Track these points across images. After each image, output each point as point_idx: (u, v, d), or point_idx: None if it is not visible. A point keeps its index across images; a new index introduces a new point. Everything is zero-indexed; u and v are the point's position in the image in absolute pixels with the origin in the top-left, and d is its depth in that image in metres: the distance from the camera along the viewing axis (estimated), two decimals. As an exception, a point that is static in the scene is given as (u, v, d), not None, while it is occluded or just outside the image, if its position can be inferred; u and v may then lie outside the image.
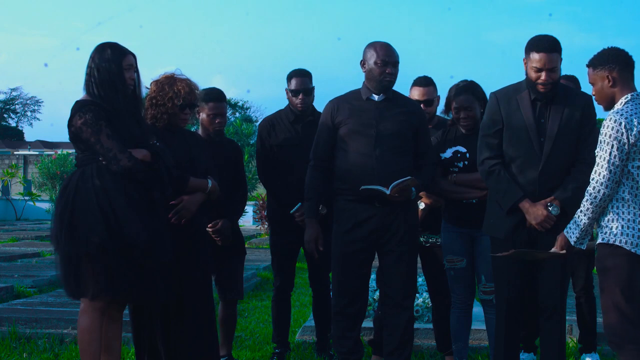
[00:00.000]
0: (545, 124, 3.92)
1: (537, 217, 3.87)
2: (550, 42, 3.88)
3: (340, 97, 4.27)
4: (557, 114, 3.92)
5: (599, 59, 3.60)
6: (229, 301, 4.71)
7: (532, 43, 3.90)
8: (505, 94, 4.03)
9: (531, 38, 3.94)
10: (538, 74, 3.87)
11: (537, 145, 3.92)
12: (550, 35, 3.93)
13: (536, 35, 3.94)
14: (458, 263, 4.39)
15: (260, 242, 13.22)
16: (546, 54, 3.84)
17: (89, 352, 3.55)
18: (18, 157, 30.16)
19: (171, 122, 4.00)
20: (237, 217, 4.75)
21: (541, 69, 3.85)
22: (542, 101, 3.93)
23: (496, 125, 4.01)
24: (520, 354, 4.85)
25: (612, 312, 3.47)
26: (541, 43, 3.88)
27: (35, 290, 7.47)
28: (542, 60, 3.85)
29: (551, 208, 3.89)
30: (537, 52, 3.86)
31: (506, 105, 3.99)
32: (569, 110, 3.92)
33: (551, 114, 3.93)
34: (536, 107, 3.94)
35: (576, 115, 3.92)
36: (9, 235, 14.22)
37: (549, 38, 3.91)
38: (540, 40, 3.89)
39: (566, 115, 3.92)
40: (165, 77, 4.04)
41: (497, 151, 4.01)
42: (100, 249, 3.47)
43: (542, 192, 3.93)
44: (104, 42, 3.70)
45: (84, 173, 3.57)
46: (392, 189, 4.00)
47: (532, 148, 3.92)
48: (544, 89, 3.88)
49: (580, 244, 3.66)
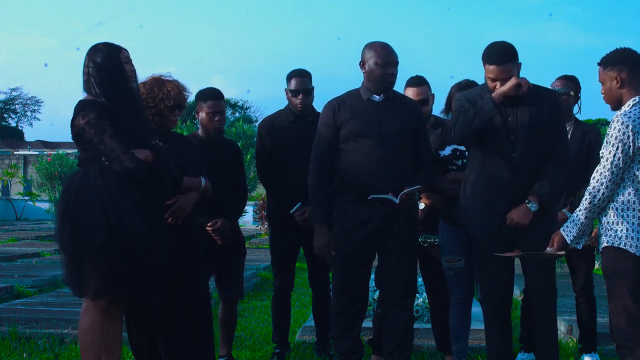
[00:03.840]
0: (513, 122, 3.95)
1: (510, 83, 3.86)
2: (502, 52, 3.91)
3: (340, 98, 4.25)
4: (525, 112, 3.95)
5: (610, 58, 3.59)
6: (229, 301, 4.71)
7: (485, 54, 3.94)
8: (472, 95, 4.06)
9: (486, 47, 3.96)
10: (494, 84, 3.93)
11: (506, 145, 3.95)
12: (503, 43, 3.94)
13: (490, 45, 3.96)
14: (456, 263, 4.39)
15: (260, 242, 13.22)
16: (497, 66, 3.89)
17: (89, 352, 3.55)
18: (18, 157, 30.14)
19: (162, 124, 4.00)
20: (237, 216, 4.76)
21: (495, 79, 3.91)
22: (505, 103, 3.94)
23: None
24: (520, 354, 4.87)
25: (622, 315, 3.46)
26: (492, 55, 3.91)
27: (35, 290, 7.47)
28: (494, 71, 3.91)
29: (529, 205, 3.92)
30: (490, 64, 3.92)
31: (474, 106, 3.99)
32: (536, 108, 3.95)
33: (519, 113, 3.96)
34: (500, 108, 3.95)
35: (544, 112, 3.95)
36: (9, 235, 14.21)
37: (501, 48, 3.92)
38: (491, 52, 3.92)
39: (534, 113, 3.95)
40: (152, 79, 4.04)
41: None
42: (102, 249, 3.47)
43: (516, 190, 3.95)
44: (96, 43, 3.71)
45: (86, 173, 3.56)
46: (401, 197, 4.01)
47: (502, 148, 3.96)
48: None
49: (577, 244, 3.65)
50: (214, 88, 4.70)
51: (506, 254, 3.85)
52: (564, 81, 4.82)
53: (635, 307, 3.43)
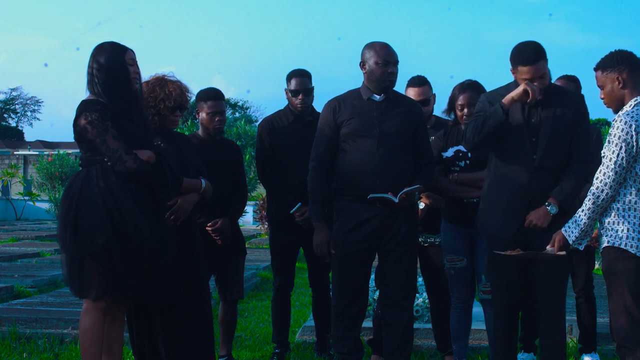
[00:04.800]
0: (536, 124, 3.92)
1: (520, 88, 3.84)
2: (533, 51, 3.88)
3: (340, 97, 4.26)
4: (549, 113, 3.92)
5: (608, 61, 3.59)
6: (229, 301, 4.71)
7: (517, 56, 3.90)
8: (495, 95, 4.03)
9: (514, 49, 3.92)
10: None
11: (528, 146, 3.91)
12: (531, 43, 3.92)
13: (519, 46, 3.92)
14: (458, 262, 4.39)
15: (260, 242, 13.22)
16: (531, 66, 3.85)
17: (90, 352, 3.55)
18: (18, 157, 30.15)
19: (162, 124, 4.00)
20: (237, 216, 4.76)
21: (531, 79, 3.86)
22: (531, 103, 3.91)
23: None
24: (520, 354, 4.86)
25: (622, 315, 3.45)
26: (525, 55, 3.87)
27: (35, 290, 7.46)
28: (530, 71, 3.85)
29: (549, 207, 3.90)
30: (524, 65, 3.87)
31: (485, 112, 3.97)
32: (561, 109, 3.91)
33: (543, 114, 3.92)
34: (525, 108, 3.93)
35: (568, 115, 3.91)
36: (9, 235, 14.20)
37: (532, 47, 3.90)
38: (522, 52, 3.89)
39: (559, 115, 3.91)
40: (155, 78, 4.03)
41: None
42: (105, 249, 3.46)
43: (536, 193, 3.91)
44: (102, 42, 3.69)
45: (89, 173, 3.55)
46: (400, 196, 4.01)
47: (523, 149, 3.91)
48: (540, 96, 3.88)
49: (579, 244, 3.65)
50: (215, 88, 4.71)
51: (507, 252, 3.85)
52: (564, 81, 4.82)
53: (635, 307, 3.42)
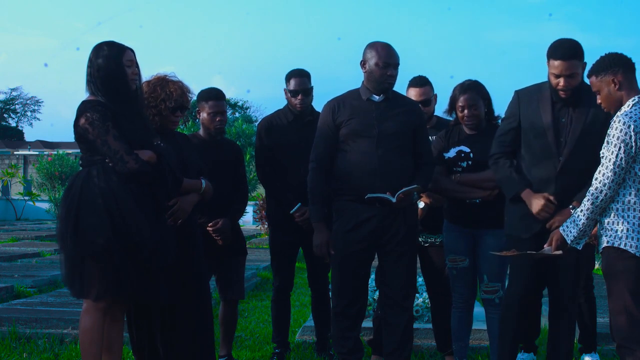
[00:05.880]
0: (566, 124, 3.89)
1: (536, 206, 3.86)
2: (569, 48, 3.83)
3: (340, 97, 4.25)
4: (582, 114, 3.87)
5: (601, 65, 3.58)
6: (229, 301, 4.71)
7: (551, 49, 3.86)
8: (527, 93, 4.02)
9: (552, 43, 3.88)
10: (557, 80, 3.84)
11: (554, 146, 3.88)
12: (571, 41, 3.87)
13: (557, 41, 3.88)
14: (460, 263, 4.39)
15: (260, 242, 13.22)
16: (563, 62, 3.80)
17: (90, 352, 3.55)
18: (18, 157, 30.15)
19: (162, 124, 3.99)
20: (237, 216, 4.76)
21: (559, 75, 3.82)
22: (562, 103, 3.90)
23: (511, 123, 4.03)
24: (520, 354, 4.86)
25: (622, 315, 3.46)
26: (559, 50, 3.83)
27: (35, 290, 7.47)
28: (559, 67, 3.81)
29: (573, 211, 3.86)
30: (555, 59, 3.83)
31: (526, 105, 3.98)
32: (594, 110, 3.84)
33: (575, 115, 3.88)
34: (555, 108, 3.91)
35: (601, 117, 3.83)
36: (9, 235, 14.20)
37: (569, 44, 3.85)
38: (558, 47, 3.84)
39: (591, 116, 3.86)
40: (157, 78, 4.01)
41: (507, 147, 4.06)
42: (106, 250, 3.46)
43: (559, 193, 3.88)
44: (101, 42, 3.67)
45: (89, 173, 3.55)
46: (398, 196, 4.00)
47: (549, 148, 3.89)
48: (564, 95, 3.86)
49: (577, 244, 3.65)
50: (216, 88, 4.70)
51: (503, 253, 3.84)
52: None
53: (635, 307, 3.42)
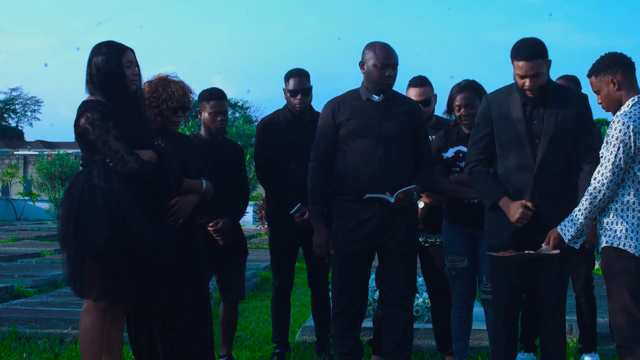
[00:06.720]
0: (538, 125, 3.86)
1: (514, 214, 3.83)
2: (532, 48, 3.81)
3: (340, 98, 4.25)
4: (552, 114, 3.85)
5: (600, 65, 3.58)
6: (229, 301, 4.71)
7: (514, 50, 3.84)
8: (496, 97, 4.00)
9: (514, 44, 3.86)
10: (522, 81, 3.82)
11: (529, 148, 3.85)
12: (534, 40, 3.86)
13: (519, 41, 3.86)
14: (459, 263, 4.39)
15: (260, 242, 13.23)
16: (527, 62, 3.77)
17: (90, 352, 3.55)
18: (18, 157, 30.17)
19: (164, 125, 3.99)
20: (238, 216, 4.75)
21: (524, 75, 3.80)
22: (532, 104, 3.87)
23: (484, 130, 4.00)
24: (520, 354, 4.86)
25: (622, 315, 3.46)
26: (522, 50, 3.81)
27: (35, 290, 7.47)
28: (524, 67, 3.78)
29: None
30: (519, 60, 3.80)
31: (497, 109, 3.95)
32: (564, 110, 3.84)
33: (546, 115, 3.86)
34: (527, 109, 3.89)
35: (572, 116, 3.83)
36: (9, 235, 14.21)
37: (531, 44, 3.83)
38: (521, 47, 3.82)
39: (562, 116, 3.84)
40: (159, 78, 4.01)
41: (481, 154, 4.02)
42: (106, 250, 3.46)
43: (536, 196, 3.85)
44: (101, 42, 3.67)
45: (90, 173, 3.54)
46: (397, 196, 4.00)
47: (524, 151, 3.86)
48: (532, 94, 3.84)
49: (574, 243, 3.65)
50: (217, 88, 4.70)
51: (500, 254, 3.84)
52: (564, 81, 4.82)
53: (634, 307, 3.43)
